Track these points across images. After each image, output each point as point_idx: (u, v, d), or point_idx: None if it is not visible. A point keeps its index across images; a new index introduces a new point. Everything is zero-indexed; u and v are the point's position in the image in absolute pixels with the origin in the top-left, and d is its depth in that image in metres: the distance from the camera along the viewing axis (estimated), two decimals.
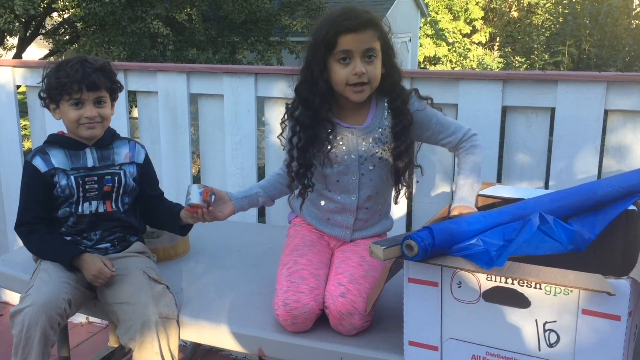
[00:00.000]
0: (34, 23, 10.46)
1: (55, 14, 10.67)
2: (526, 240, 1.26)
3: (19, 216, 1.77)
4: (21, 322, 1.53)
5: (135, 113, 4.08)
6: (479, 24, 20.55)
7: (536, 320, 1.21)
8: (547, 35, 9.92)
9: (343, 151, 1.67)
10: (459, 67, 18.38)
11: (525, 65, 9.47)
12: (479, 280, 1.24)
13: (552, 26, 10.16)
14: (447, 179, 2.26)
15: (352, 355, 1.46)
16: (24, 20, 9.48)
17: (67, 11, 9.95)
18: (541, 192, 1.73)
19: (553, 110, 2.08)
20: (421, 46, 18.92)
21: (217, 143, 2.57)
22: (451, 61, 19.11)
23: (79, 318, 2.84)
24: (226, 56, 10.28)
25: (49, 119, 2.52)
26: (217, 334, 1.60)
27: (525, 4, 19.97)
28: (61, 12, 10.31)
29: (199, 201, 1.65)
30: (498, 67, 15.38)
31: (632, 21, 9.18)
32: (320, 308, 1.53)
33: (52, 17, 11.03)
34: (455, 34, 19.74)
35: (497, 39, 20.12)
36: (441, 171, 2.27)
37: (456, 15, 20.00)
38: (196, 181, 2.36)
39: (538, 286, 1.18)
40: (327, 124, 1.66)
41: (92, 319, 2.84)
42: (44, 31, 10.90)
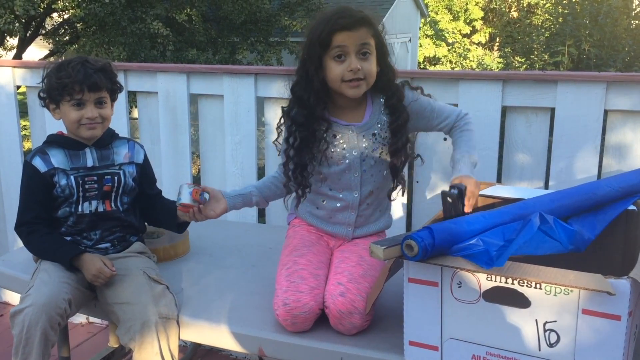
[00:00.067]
0: (34, 23, 10.46)
1: (55, 14, 10.68)
2: (526, 240, 1.26)
3: (19, 216, 1.78)
4: (21, 322, 1.53)
5: (135, 113, 4.08)
6: (478, 24, 20.55)
7: (536, 320, 1.21)
8: (546, 35, 9.91)
9: (344, 149, 1.68)
10: (458, 68, 18.38)
11: (525, 65, 9.46)
12: (479, 280, 1.24)
13: (552, 26, 10.15)
14: (447, 179, 2.25)
15: (353, 355, 1.46)
16: (24, 20, 9.48)
17: (67, 12, 9.95)
18: (541, 192, 1.73)
19: (553, 110, 2.08)
20: (421, 46, 18.92)
21: (217, 143, 2.57)
22: (451, 61, 19.10)
23: (79, 318, 2.84)
24: (226, 56, 10.28)
25: (49, 119, 2.52)
26: (217, 334, 1.60)
27: (525, 4, 19.96)
28: (61, 12, 10.32)
29: (189, 201, 1.66)
30: (498, 68, 15.38)
31: (631, 21, 9.17)
32: (320, 308, 1.53)
33: (52, 18, 11.03)
34: (455, 34, 19.74)
35: (497, 39, 20.12)
36: (441, 171, 2.27)
37: (456, 16, 20.00)
38: (196, 181, 2.36)
39: (538, 286, 1.18)
40: (322, 122, 1.67)
41: (92, 319, 2.84)
42: (44, 32, 10.91)
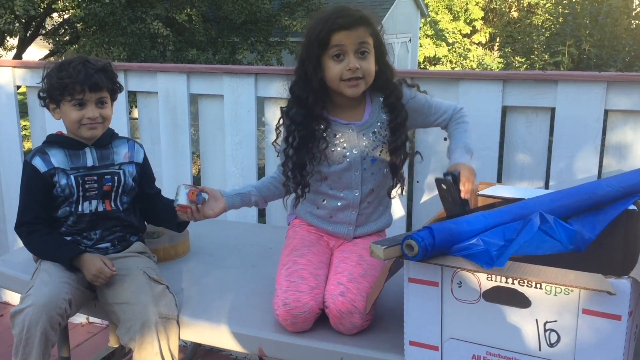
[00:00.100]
0: (34, 24, 10.47)
1: (55, 14, 10.68)
2: (527, 240, 1.26)
3: (19, 216, 1.77)
4: (22, 322, 1.53)
5: (135, 113, 4.08)
6: (479, 24, 20.56)
7: (537, 320, 1.20)
8: (547, 35, 9.91)
9: (345, 148, 1.68)
10: (459, 68, 18.39)
11: (525, 65, 9.46)
12: (480, 280, 1.24)
13: (552, 26, 10.15)
14: None
15: (353, 355, 1.46)
16: (24, 20, 9.49)
17: (67, 12, 9.96)
18: (541, 192, 1.73)
19: (553, 110, 2.08)
20: (421, 46, 18.93)
21: (217, 143, 2.57)
22: (451, 61, 19.11)
23: (79, 318, 2.84)
24: (226, 56, 10.29)
25: (49, 119, 2.52)
26: (218, 334, 1.60)
27: (525, 4, 19.97)
28: (61, 12, 10.32)
29: (185, 202, 1.67)
30: (498, 68, 15.38)
31: (632, 21, 9.17)
32: (320, 307, 1.53)
33: (52, 18, 11.04)
34: (455, 34, 19.75)
35: (497, 39, 20.12)
36: (441, 171, 2.25)
37: (456, 16, 20.01)
38: (196, 181, 2.36)
39: (538, 286, 1.18)
40: (321, 121, 1.67)
41: (92, 319, 2.84)
42: (44, 32, 10.91)
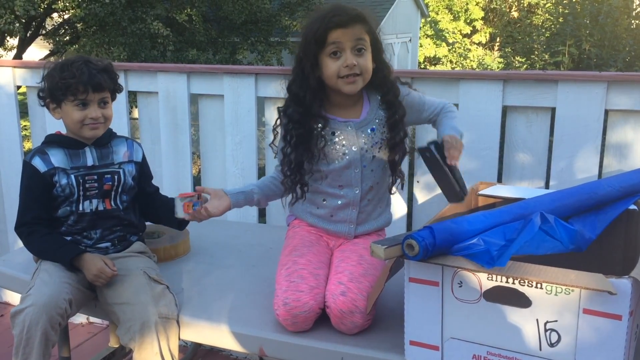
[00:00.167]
0: (34, 24, 10.47)
1: (55, 14, 10.68)
2: (528, 240, 1.26)
3: (19, 217, 1.77)
4: (22, 323, 1.53)
5: (135, 113, 4.08)
6: (479, 24, 20.56)
7: (537, 320, 1.20)
8: (547, 35, 9.90)
9: (344, 146, 1.68)
10: (459, 68, 18.38)
11: (525, 65, 9.46)
12: (480, 280, 1.23)
13: (552, 26, 10.14)
14: None
15: (353, 355, 1.46)
16: (24, 20, 9.49)
17: (67, 12, 9.96)
18: (542, 192, 1.72)
19: (553, 110, 2.08)
20: (421, 46, 18.93)
21: (217, 143, 2.57)
22: (451, 61, 19.11)
23: (79, 318, 2.84)
24: (226, 57, 10.30)
25: (49, 119, 2.52)
26: (218, 334, 1.60)
27: (525, 4, 19.96)
28: (61, 12, 10.32)
29: (182, 215, 1.70)
30: (498, 67, 15.37)
31: (632, 21, 9.16)
32: (320, 307, 1.53)
33: (52, 18, 11.04)
34: (456, 34, 19.75)
35: (497, 39, 20.11)
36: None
37: (456, 16, 20.01)
38: (196, 182, 2.36)
39: (539, 286, 1.18)
40: (319, 119, 1.68)
41: (92, 319, 2.84)
42: (44, 32, 10.91)
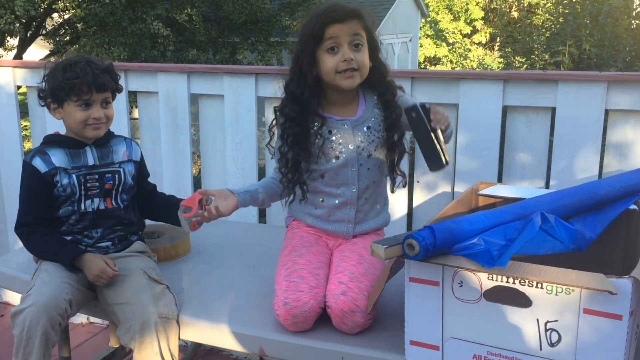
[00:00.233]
0: (34, 24, 10.48)
1: (55, 14, 10.69)
2: (528, 239, 1.26)
3: (19, 217, 1.77)
4: (22, 323, 1.53)
5: (135, 113, 4.08)
6: (479, 24, 20.56)
7: (537, 320, 1.20)
8: (547, 35, 9.90)
9: (340, 144, 1.69)
10: (459, 68, 18.38)
11: (525, 65, 9.46)
12: (480, 280, 1.23)
13: (553, 26, 10.14)
14: (447, 179, 2.25)
15: (353, 355, 1.46)
16: (24, 21, 9.50)
17: (67, 12, 9.97)
18: (542, 191, 1.72)
19: (554, 110, 2.08)
20: (421, 46, 18.93)
21: (217, 143, 2.57)
22: (451, 61, 19.11)
23: (79, 318, 2.84)
24: (226, 57, 10.30)
25: (49, 119, 2.52)
26: (218, 334, 1.60)
27: (525, 4, 19.96)
28: (62, 12, 10.33)
29: (189, 230, 1.73)
30: (498, 67, 15.37)
31: (632, 21, 9.16)
32: (321, 307, 1.53)
33: (52, 18, 11.04)
34: (456, 34, 19.75)
35: (498, 39, 20.11)
36: (441, 171, 2.26)
37: (456, 16, 20.01)
38: (197, 182, 2.36)
39: (539, 285, 1.18)
40: (316, 118, 1.68)
41: (92, 319, 2.84)
42: (44, 32, 10.92)
